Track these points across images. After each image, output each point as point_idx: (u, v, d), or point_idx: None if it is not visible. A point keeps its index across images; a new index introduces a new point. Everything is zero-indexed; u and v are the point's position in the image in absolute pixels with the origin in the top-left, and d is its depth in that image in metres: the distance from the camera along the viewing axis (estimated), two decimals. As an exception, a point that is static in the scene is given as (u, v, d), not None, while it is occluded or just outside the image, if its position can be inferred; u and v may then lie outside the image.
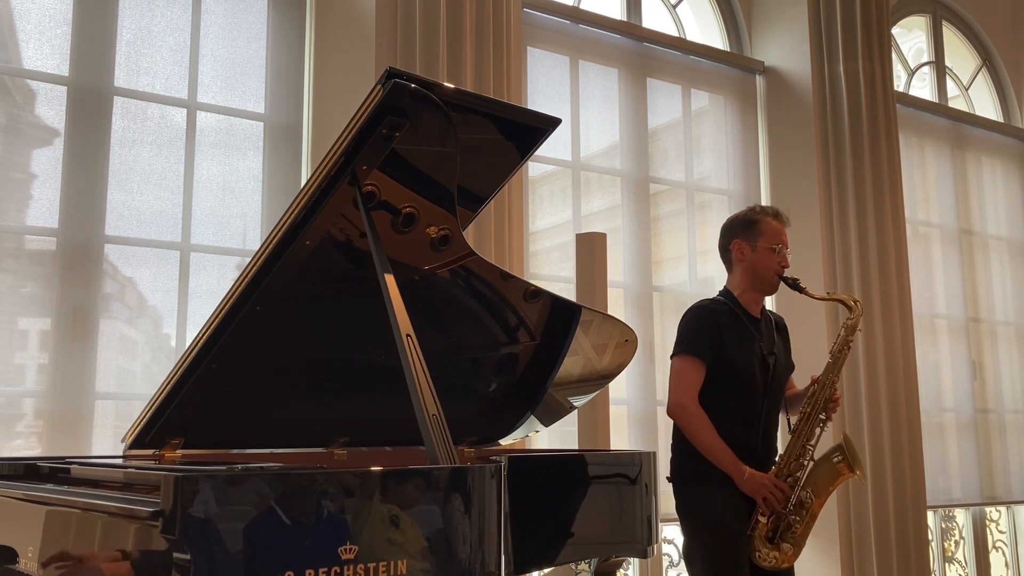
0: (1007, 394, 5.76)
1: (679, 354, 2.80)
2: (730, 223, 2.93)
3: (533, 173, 4.14)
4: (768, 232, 2.83)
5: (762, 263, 2.82)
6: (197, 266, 3.33)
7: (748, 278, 2.85)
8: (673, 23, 4.83)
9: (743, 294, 2.86)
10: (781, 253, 2.82)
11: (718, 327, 2.78)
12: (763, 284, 2.85)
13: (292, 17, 3.67)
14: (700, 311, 2.85)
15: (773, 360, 2.83)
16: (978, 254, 5.78)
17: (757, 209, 2.91)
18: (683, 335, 2.83)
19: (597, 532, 2.24)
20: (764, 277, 2.83)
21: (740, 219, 2.90)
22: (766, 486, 2.68)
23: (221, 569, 1.35)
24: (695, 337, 2.79)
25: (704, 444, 2.72)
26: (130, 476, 1.72)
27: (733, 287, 2.89)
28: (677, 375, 2.78)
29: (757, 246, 2.83)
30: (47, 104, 3.16)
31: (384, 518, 1.55)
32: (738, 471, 2.69)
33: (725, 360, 2.76)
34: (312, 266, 1.99)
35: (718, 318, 2.80)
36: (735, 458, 2.70)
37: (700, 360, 2.76)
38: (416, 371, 1.80)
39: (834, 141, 4.74)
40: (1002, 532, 5.73)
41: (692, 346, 2.78)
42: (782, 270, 2.83)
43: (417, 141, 1.90)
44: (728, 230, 2.92)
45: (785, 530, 2.73)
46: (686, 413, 2.74)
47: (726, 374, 2.76)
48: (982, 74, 6.13)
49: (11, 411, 3.01)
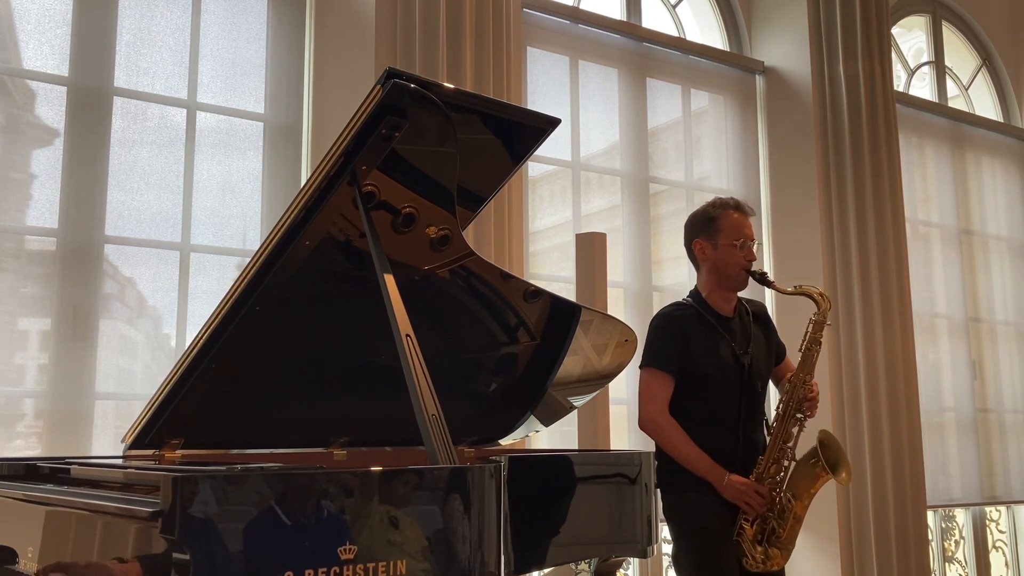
0: (1007, 394, 5.76)
1: (645, 366, 2.73)
2: (690, 221, 2.83)
3: (533, 173, 4.14)
4: (728, 227, 2.73)
5: (726, 261, 2.72)
6: (197, 266, 3.33)
7: (714, 277, 2.76)
8: (673, 23, 4.84)
9: (711, 294, 2.78)
10: (745, 247, 2.72)
11: (682, 335, 2.71)
12: (730, 282, 2.75)
13: (292, 17, 3.67)
14: (663, 320, 2.77)
15: (748, 359, 2.75)
16: (978, 254, 5.78)
17: (716, 203, 2.78)
18: (648, 346, 2.76)
19: (597, 532, 2.24)
20: (730, 275, 2.73)
21: (699, 217, 2.80)
22: (744, 492, 2.62)
23: (221, 569, 1.36)
24: (659, 348, 2.72)
25: (680, 454, 2.66)
26: (130, 476, 1.72)
27: (701, 287, 2.80)
28: (645, 388, 2.71)
29: (718, 243, 2.73)
30: (47, 104, 3.16)
31: (384, 518, 1.55)
32: (717, 476, 2.63)
33: (692, 367, 2.69)
34: (312, 266, 1.99)
35: (682, 325, 2.73)
36: (713, 464, 2.64)
37: (666, 372, 2.69)
38: (416, 371, 1.80)
39: (834, 141, 4.74)
40: (1002, 532, 5.73)
41: (657, 358, 2.71)
42: (748, 264, 2.72)
43: (417, 141, 1.90)
44: (689, 229, 2.82)
45: (771, 534, 2.66)
46: (656, 426, 2.68)
47: (696, 381, 2.70)
48: (982, 74, 6.13)
49: (11, 411, 3.01)
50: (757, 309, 2.91)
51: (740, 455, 2.71)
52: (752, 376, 2.76)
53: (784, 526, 2.66)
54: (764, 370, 2.84)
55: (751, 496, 2.63)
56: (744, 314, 2.85)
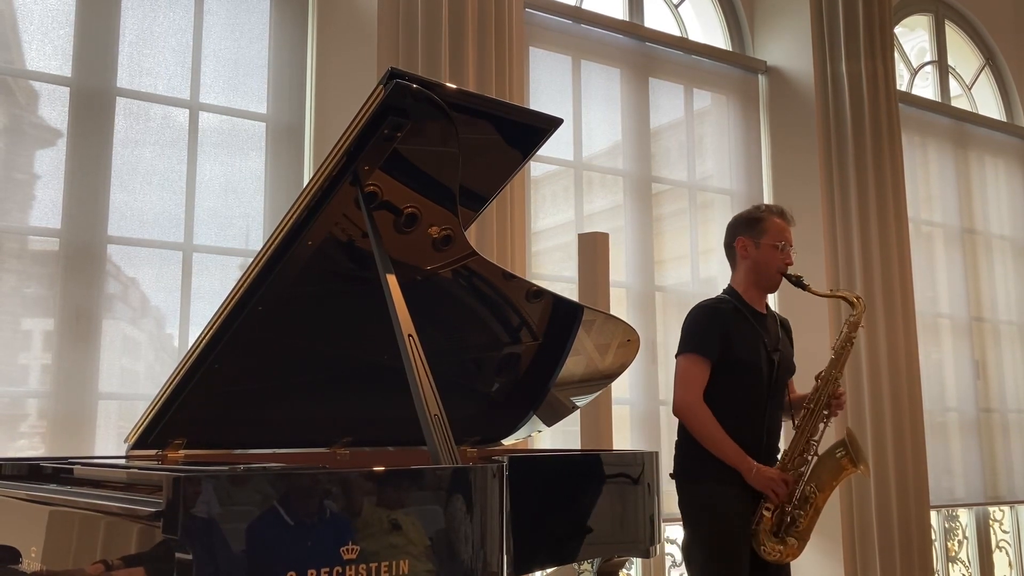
0: (1010, 393, 5.76)
1: (684, 352, 2.81)
2: (735, 221, 2.96)
3: (535, 173, 4.14)
4: (772, 230, 2.86)
5: (765, 260, 2.85)
6: (200, 266, 3.33)
7: (752, 275, 2.88)
8: (675, 23, 4.83)
9: (747, 291, 2.89)
10: (785, 251, 2.85)
11: (724, 325, 2.80)
12: (766, 281, 2.88)
13: (294, 17, 3.68)
14: (705, 309, 2.87)
15: (778, 356, 2.85)
16: (981, 253, 5.77)
17: (762, 207, 2.94)
18: (688, 334, 2.84)
19: (599, 532, 2.24)
20: (767, 274, 2.86)
21: (744, 217, 2.94)
22: (774, 480, 2.71)
23: (223, 569, 1.36)
24: (701, 335, 2.80)
25: (711, 441, 2.74)
26: (133, 476, 1.72)
27: (737, 284, 2.91)
28: (683, 374, 2.79)
29: (761, 243, 2.85)
30: (50, 105, 3.17)
31: (386, 518, 1.55)
32: (746, 466, 2.72)
33: (732, 357, 2.78)
34: (314, 266, 1.99)
35: (724, 316, 2.82)
36: (742, 453, 2.72)
37: (706, 358, 2.77)
38: (418, 371, 1.80)
39: (836, 141, 4.74)
40: (1005, 532, 5.72)
41: (698, 344, 2.79)
42: (785, 267, 2.85)
43: (419, 141, 1.90)
44: (733, 227, 2.95)
45: (790, 524, 2.76)
46: (692, 411, 2.76)
47: (733, 371, 2.78)
48: (985, 73, 6.12)
49: (15, 411, 3.02)
50: (782, 319, 3.03)
51: (764, 447, 2.81)
52: (780, 373, 2.86)
53: (805, 517, 2.75)
54: (789, 371, 2.96)
55: (778, 485, 2.71)
56: (773, 318, 2.96)
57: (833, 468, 2.79)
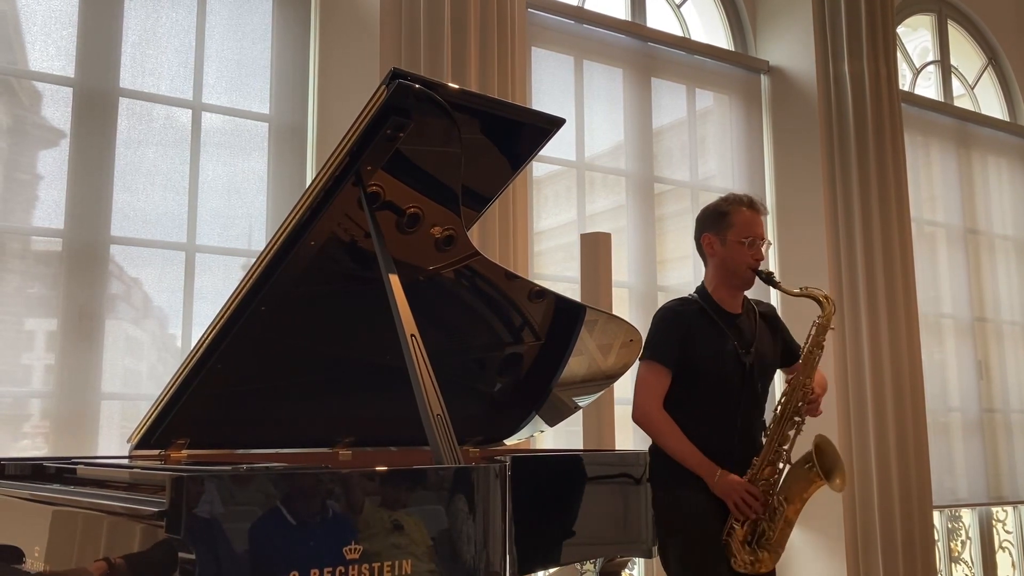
0: (1013, 393, 5.75)
1: (644, 359, 2.70)
2: (701, 215, 2.80)
3: (537, 173, 4.14)
4: (739, 223, 2.69)
5: (733, 258, 2.68)
6: (202, 266, 3.34)
7: (720, 273, 2.73)
8: (677, 23, 4.83)
9: (716, 290, 2.74)
10: (754, 246, 2.68)
11: (685, 329, 2.68)
12: (736, 279, 2.71)
13: (296, 18, 3.68)
14: (666, 313, 2.74)
15: (750, 358, 2.70)
16: (984, 253, 5.76)
17: (729, 199, 2.74)
18: (648, 339, 2.73)
19: (602, 532, 2.24)
20: (736, 272, 2.69)
21: (710, 211, 2.77)
22: (736, 490, 2.57)
23: (226, 569, 1.36)
24: (659, 342, 2.68)
25: (671, 449, 2.61)
26: (136, 476, 1.73)
27: (707, 283, 2.77)
28: (641, 381, 2.68)
29: (727, 239, 2.69)
30: (53, 105, 3.17)
31: (389, 518, 1.55)
32: (709, 472, 2.58)
33: (692, 363, 2.66)
34: (317, 266, 2.00)
35: (685, 320, 2.69)
36: (704, 459, 2.59)
37: (663, 366, 2.65)
38: (420, 371, 1.80)
39: (839, 140, 4.74)
40: (1009, 532, 5.71)
41: (656, 351, 2.67)
42: (756, 264, 2.68)
43: (421, 141, 1.91)
44: (699, 223, 2.79)
45: (760, 536, 2.61)
46: (648, 419, 2.65)
47: (694, 377, 2.66)
48: (987, 73, 6.11)
49: (18, 411, 3.02)
50: (765, 310, 2.88)
51: (738, 453, 2.66)
52: (753, 375, 2.72)
53: (775, 529, 2.60)
54: (767, 370, 2.81)
55: (742, 494, 2.57)
56: (751, 312, 2.82)
57: (802, 480, 2.62)
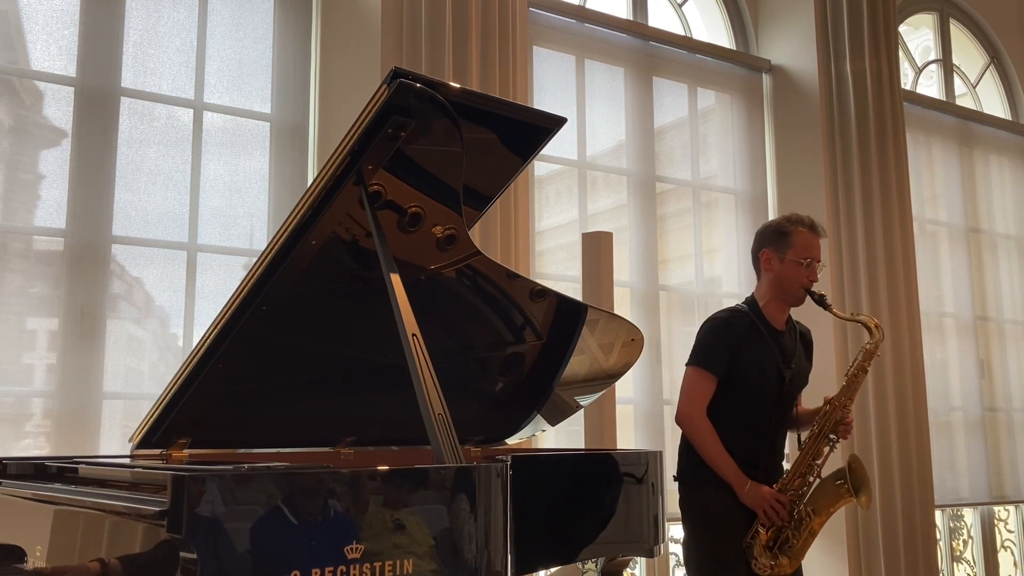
0: (1015, 393, 5.74)
1: (692, 364, 2.81)
2: (762, 231, 2.91)
3: (539, 172, 4.14)
4: (799, 244, 2.79)
5: (789, 276, 2.79)
6: (204, 266, 3.34)
7: (774, 289, 2.83)
8: (679, 22, 4.83)
9: (767, 304, 2.84)
10: (811, 267, 2.78)
11: (735, 340, 2.78)
12: (789, 296, 2.82)
13: (298, 17, 3.68)
14: (718, 323, 2.84)
15: (790, 374, 2.81)
16: (986, 252, 5.76)
17: (792, 219, 2.86)
18: (699, 346, 2.83)
19: (603, 531, 2.24)
20: (790, 290, 2.80)
21: (772, 228, 2.88)
22: (767, 499, 2.69)
23: (227, 568, 1.36)
24: (710, 350, 2.79)
25: (708, 455, 2.74)
26: (137, 476, 1.73)
27: (759, 296, 2.87)
28: (688, 385, 2.80)
29: (785, 258, 2.80)
30: (54, 105, 3.17)
31: (390, 517, 1.55)
32: (740, 483, 2.71)
33: (739, 374, 2.76)
34: (318, 266, 2.00)
35: (736, 332, 2.80)
36: (737, 470, 2.72)
37: (711, 374, 2.77)
38: (422, 370, 1.80)
39: (841, 140, 4.73)
40: (1011, 531, 5.71)
41: (706, 359, 2.78)
42: (809, 284, 2.78)
43: (423, 141, 1.90)
44: (760, 237, 2.89)
45: (783, 543, 2.73)
46: (692, 424, 2.77)
47: (739, 387, 2.77)
48: (990, 72, 6.10)
49: (19, 411, 3.02)
50: (804, 330, 2.99)
51: (765, 459, 2.79)
52: (790, 390, 2.83)
53: (799, 537, 2.72)
54: (800, 387, 2.92)
55: (773, 505, 2.69)
56: (793, 331, 2.92)
57: (832, 494, 2.75)
